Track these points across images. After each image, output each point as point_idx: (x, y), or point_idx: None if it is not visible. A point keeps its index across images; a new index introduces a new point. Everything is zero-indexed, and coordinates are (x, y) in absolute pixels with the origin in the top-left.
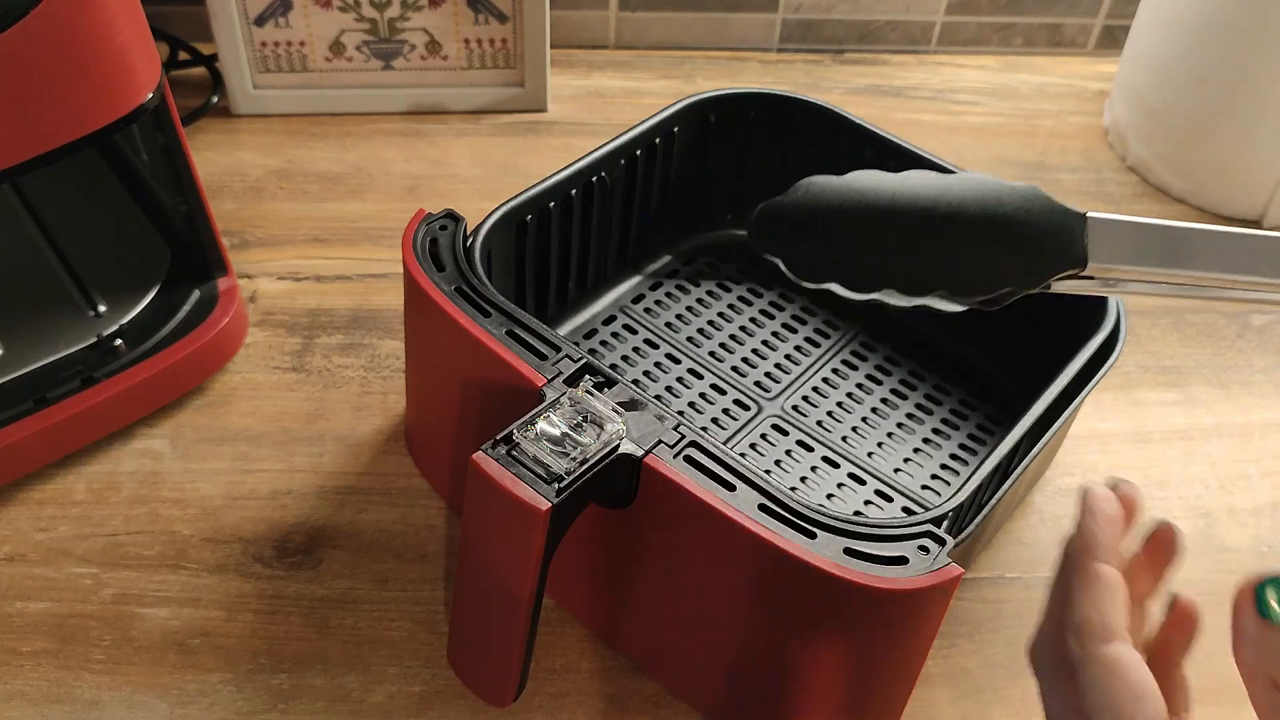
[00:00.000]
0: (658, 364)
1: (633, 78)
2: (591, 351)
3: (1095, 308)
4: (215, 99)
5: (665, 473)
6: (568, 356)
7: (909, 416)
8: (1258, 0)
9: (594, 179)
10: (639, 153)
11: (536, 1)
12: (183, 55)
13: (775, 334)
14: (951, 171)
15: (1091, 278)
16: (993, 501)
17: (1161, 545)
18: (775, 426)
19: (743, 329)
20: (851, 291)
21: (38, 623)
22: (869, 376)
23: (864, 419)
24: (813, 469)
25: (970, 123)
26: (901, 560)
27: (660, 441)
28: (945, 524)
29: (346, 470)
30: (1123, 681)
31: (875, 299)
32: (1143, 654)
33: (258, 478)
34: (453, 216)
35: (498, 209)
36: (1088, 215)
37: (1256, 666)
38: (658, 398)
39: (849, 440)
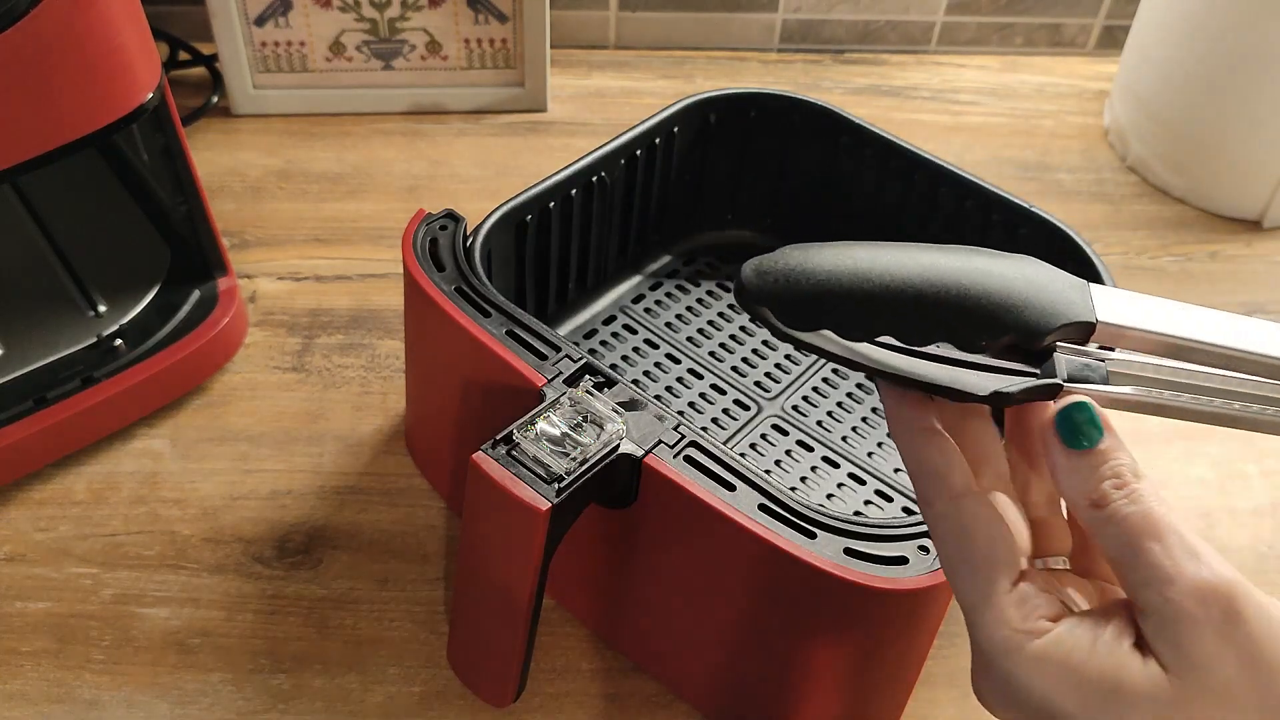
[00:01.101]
0: (658, 364)
1: (633, 78)
2: (591, 351)
3: None
4: (215, 99)
5: (665, 473)
6: (568, 356)
7: None
8: (1257, 1)
9: (594, 179)
10: (639, 153)
11: (536, 1)
12: (183, 55)
13: None
14: (952, 170)
15: (1097, 349)
16: None
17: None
18: (775, 426)
19: (743, 329)
20: (845, 339)
21: (38, 623)
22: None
23: (864, 419)
24: (813, 469)
25: (970, 123)
26: (901, 560)
27: (660, 441)
28: None
29: (346, 470)
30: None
31: (867, 353)
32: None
33: (258, 478)
34: (453, 216)
35: (498, 209)
36: (1090, 284)
37: (1074, 491)
38: (658, 398)
39: (849, 440)
